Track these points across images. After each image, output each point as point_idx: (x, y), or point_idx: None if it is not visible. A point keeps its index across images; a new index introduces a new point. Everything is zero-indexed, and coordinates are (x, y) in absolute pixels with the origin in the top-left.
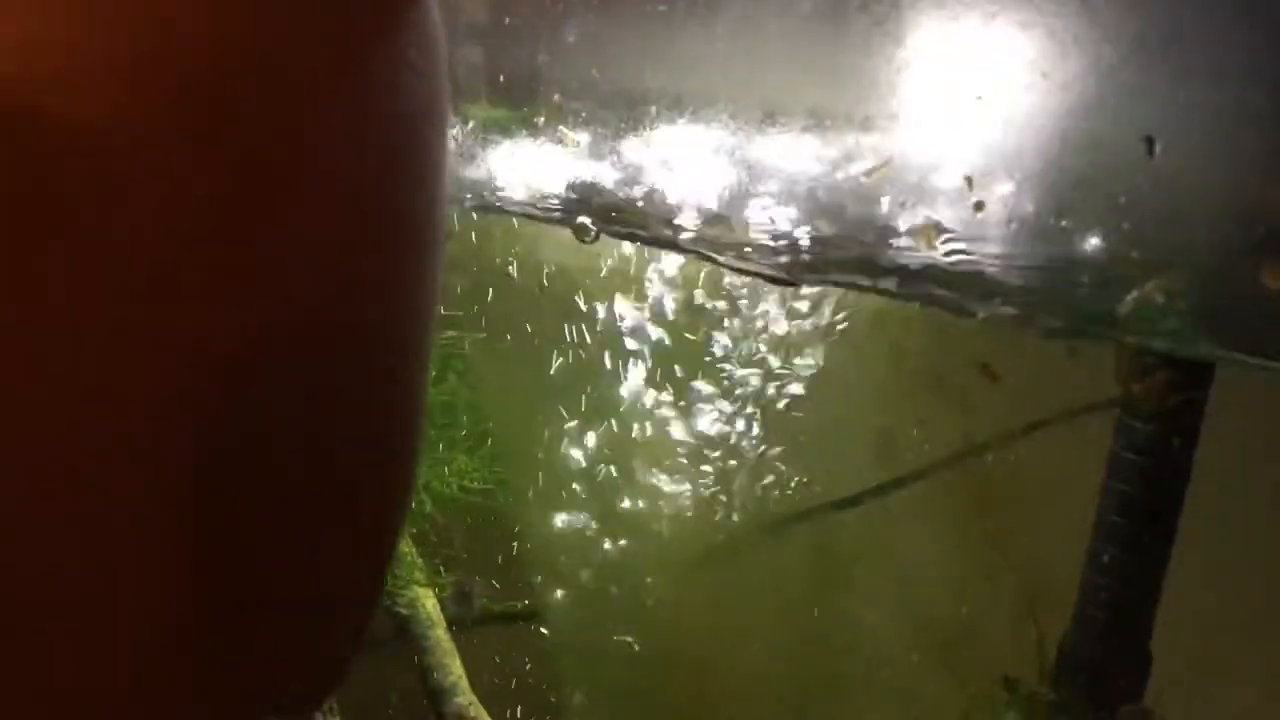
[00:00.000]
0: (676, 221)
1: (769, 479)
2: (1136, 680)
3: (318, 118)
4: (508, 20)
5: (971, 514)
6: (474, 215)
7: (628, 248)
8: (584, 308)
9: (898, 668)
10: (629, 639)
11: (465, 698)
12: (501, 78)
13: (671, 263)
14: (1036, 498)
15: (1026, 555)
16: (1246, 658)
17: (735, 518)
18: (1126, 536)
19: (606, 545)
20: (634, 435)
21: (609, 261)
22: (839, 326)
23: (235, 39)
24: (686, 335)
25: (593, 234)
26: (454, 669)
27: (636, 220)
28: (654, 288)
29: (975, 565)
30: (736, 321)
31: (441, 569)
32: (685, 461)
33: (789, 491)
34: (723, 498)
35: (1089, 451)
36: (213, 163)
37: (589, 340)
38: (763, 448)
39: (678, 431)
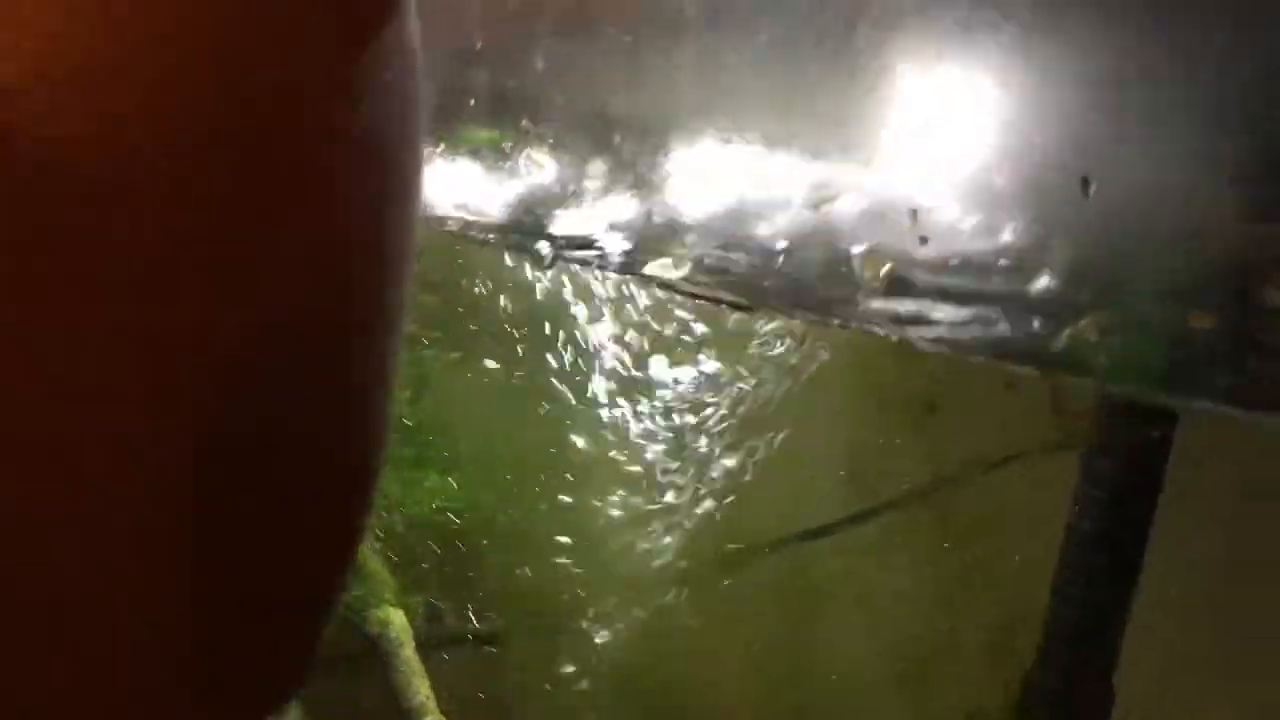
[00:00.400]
0: (634, 247)
1: (741, 509)
2: (1099, 715)
3: (317, 118)
4: (480, 44)
5: (945, 546)
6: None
7: (588, 275)
8: (549, 334)
9: (870, 699)
10: (598, 664)
11: (433, 718)
12: (473, 101)
13: (633, 290)
14: (1011, 530)
15: (998, 587)
16: (1209, 693)
17: (707, 547)
18: (1091, 572)
19: (577, 570)
20: (607, 463)
21: (571, 288)
22: (806, 358)
23: (236, 39)
24: (655, 366)
25: (549, 259)
26: (422, 689)
27: (594, 245)
28: (619, 316)
29: (948, 597)
30: (703, 351)
31: (410, 589)
32: (658, 489)
33: (761, 522)
34: (693, 526)
35: (1062, 486)
36: (213, 163)
37: (556, 366)
38: (734, 478)
39: (651, 459)
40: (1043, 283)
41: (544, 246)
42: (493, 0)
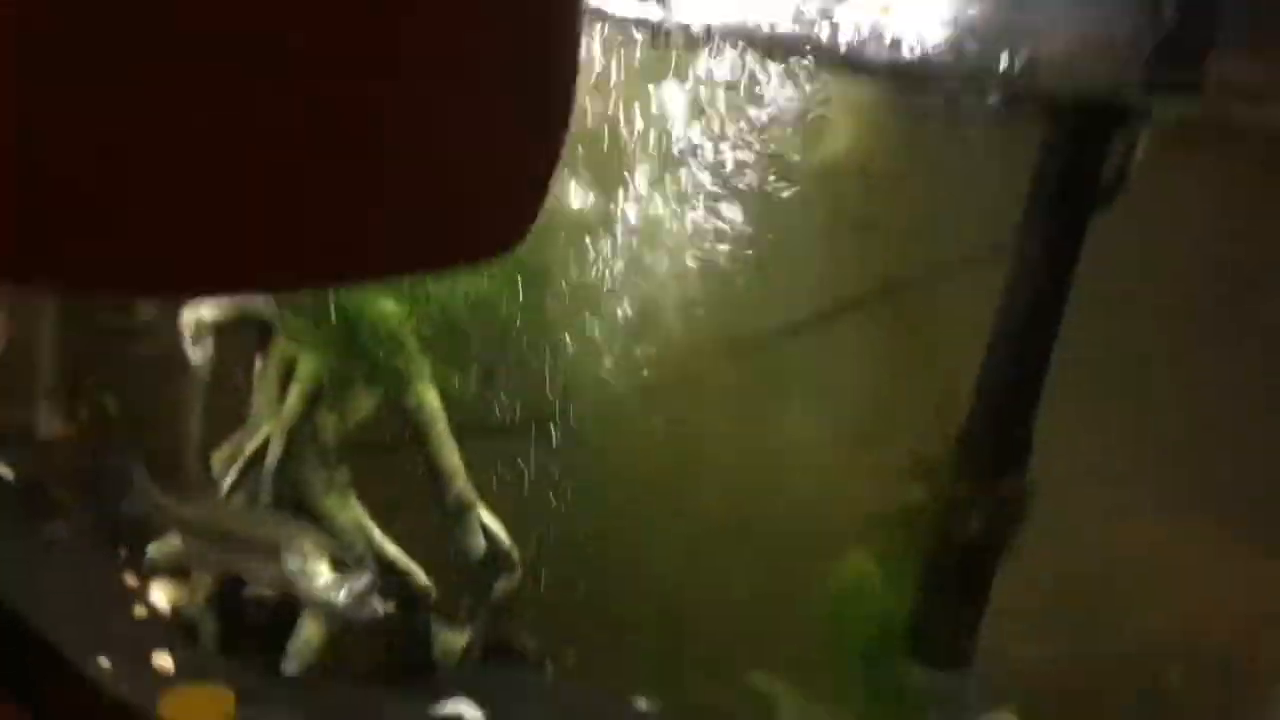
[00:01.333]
0: None
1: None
2: (1019, 461)
3: None
4: None
5: (898, 339)
6: None
7: None
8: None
9: (835, 456)
10: (601, 446)
11: (463, 482)
12: None
13: None
14: (954, 322)
15: (942, 365)
16: (1108, 454)
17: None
18: (1012, 353)
19: (587, 355)
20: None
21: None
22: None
23: None
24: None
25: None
26: (453, 459)
27: None
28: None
29: (902, 376)
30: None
31: (447, 371)
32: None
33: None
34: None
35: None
36: None
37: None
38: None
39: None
40: None
41: None
42: None
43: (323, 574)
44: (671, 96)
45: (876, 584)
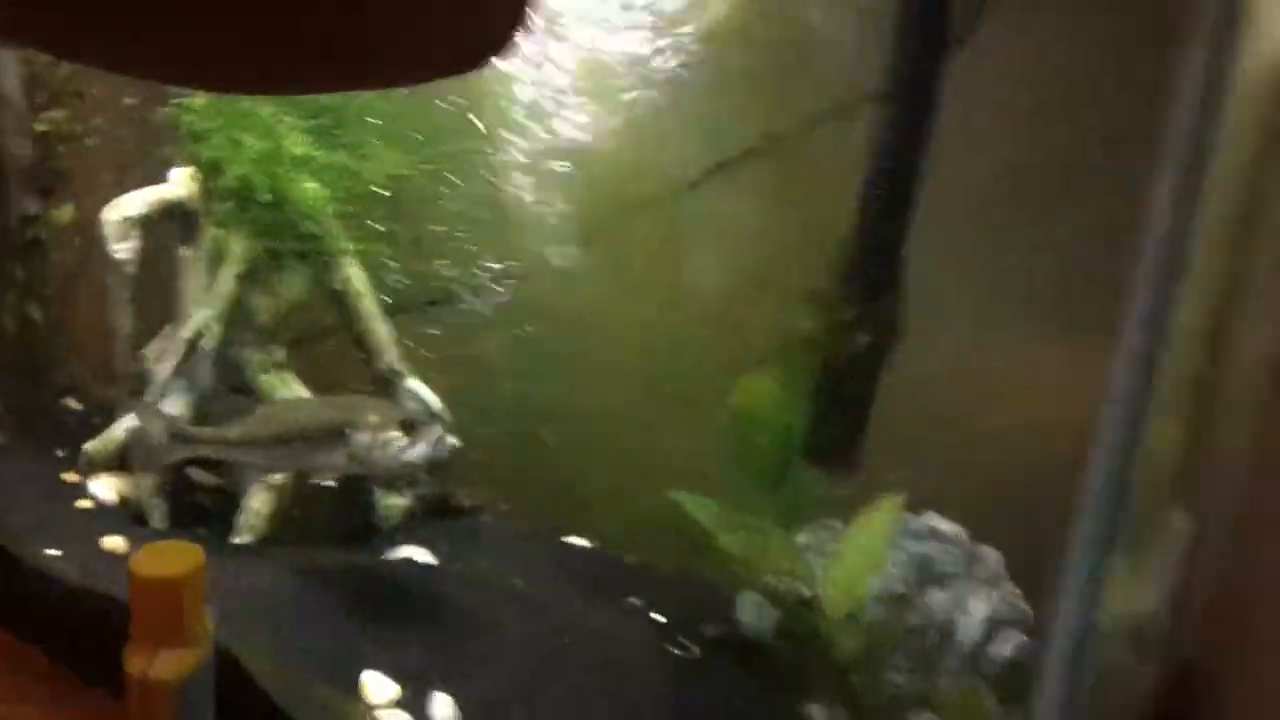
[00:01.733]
0: None
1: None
2: (893, 286)
3: None
4: None
5: (784, 186)
6: None
7: None
8: None
9: (736, 298)
10: (527, 301)
11: (392, 353)
12: None
13: None
14: (833, 172)
15: (826, 211)
16: (971, 277)
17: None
18: (882, 190)
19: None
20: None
21: None
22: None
23: None
24: None
25: None
26: (381, 332)
27: None
28: None
29: (789, 223)
30: None
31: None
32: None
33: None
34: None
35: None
36: None
37: None
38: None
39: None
40: None
41: None
42: None
43: (396, 439)
44: None
45: (775, 403)
